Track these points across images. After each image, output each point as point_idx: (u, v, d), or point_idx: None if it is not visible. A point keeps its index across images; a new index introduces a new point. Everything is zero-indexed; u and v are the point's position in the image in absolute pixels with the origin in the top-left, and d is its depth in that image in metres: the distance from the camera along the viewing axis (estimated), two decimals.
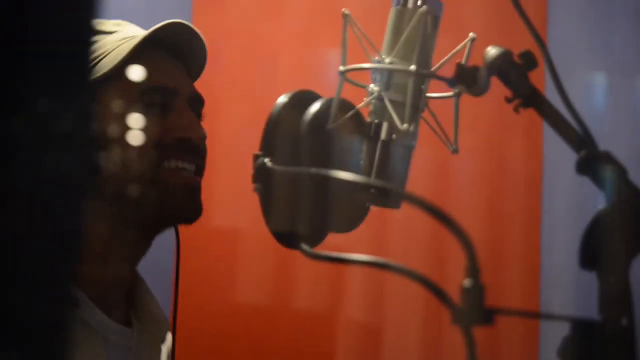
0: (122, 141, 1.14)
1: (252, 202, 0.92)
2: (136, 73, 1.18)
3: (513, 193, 1.90)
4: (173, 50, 1.23)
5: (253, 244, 1.86)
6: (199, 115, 1.24)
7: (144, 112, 1.17)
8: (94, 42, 1.12)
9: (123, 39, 1.19)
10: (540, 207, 1.87)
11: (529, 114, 0.91)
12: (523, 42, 0.91)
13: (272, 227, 0.90)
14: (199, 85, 1.37)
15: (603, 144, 0.84)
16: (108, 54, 1.15)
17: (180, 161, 1.18)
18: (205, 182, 1.24)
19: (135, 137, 1.15)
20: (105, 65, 1.14)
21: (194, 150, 1.20)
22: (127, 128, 1.15)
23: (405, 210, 0.90)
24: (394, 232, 1.85)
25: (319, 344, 1.86)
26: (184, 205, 1.19)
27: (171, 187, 1.16)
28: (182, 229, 1.79)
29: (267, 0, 1.97)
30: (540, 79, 0.92)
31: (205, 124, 1.26)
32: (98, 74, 1.13)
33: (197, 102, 1.25)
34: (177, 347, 1.29)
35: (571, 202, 1.79)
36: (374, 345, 1.87)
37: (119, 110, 1.15)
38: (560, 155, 1.80)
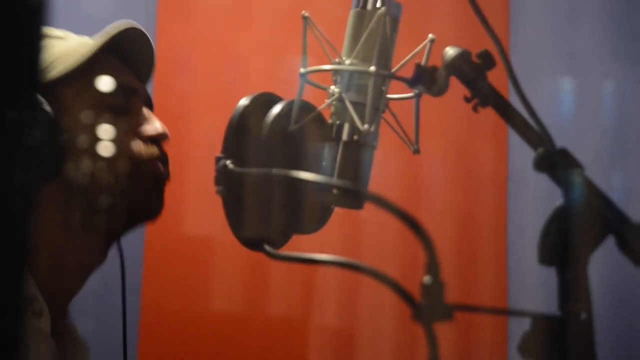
0: (86, 144, 1.13)
1: (221, 208, 0.92)
2: (98, 73, 1.18)
3: (480, 195, 1.91)
4: (122, 54, 1.23)
5: (221, 249, 1.86)
6: None
7: (105, 113, 1.16)
8: (46, 46, 1.11)
9: (78, 44, 1.18)
10: (506, 208, 1.89)
11: (495, 117, 0.92)
12: (485, 44, 0.92)
13: (235, 229, 0.90)
14: (167, 91, 1.37)
15: (569, 146, 0.85)
16: (62, 57, 1.15)
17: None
18: (175, 188, 1.24)
19: (99, 139, 1.15)
20: (61, 68, 1.14)
21: (158, 149, 1.20)
22: (89, 130, 1.15)
23: (379, 212, 0.91)
24: (368, 234, 1.85)
25: (289, 349, 1.86)
26: (148, 197, 1.18)
27: (137, 179, 1.16)
28: (150, 234, 1.78)
29: (233, 8, 1.97)
30: (504, 81, 0.93)
31: (174, 131, 1.26)
32: (54, 77, 1.13)
33: (150, 103, 1.25)
34: (145, 353, 1.28)
35: (536, 203, 1.80)
36: (344, 348, 1.88)
37: (80, 113, 1.15)
38: (525, 157, 1.82)
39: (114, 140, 1.15)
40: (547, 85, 1.94)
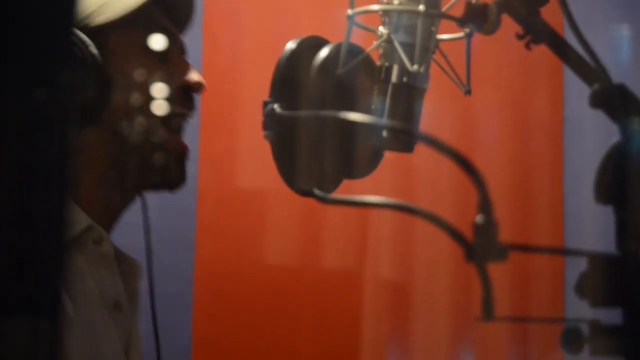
0: (128, 88, 1.14)
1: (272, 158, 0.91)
2: (142, 20, 1.17)
3: (535, 139, 1.89)
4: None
5: (275, 201, 1.86)
6: None
7: (148, 58, 1.17)
8: None
9: None
10: (562, 152, 1.86)
11: (550, 62, 0.90)
12: None
13: (284, 174, 0.89)
14: (216, 42, 1.35)
15: None
16: (110, 2, 1.14)
17: (180, 107, 1.18)
18: (226, 140, 1.23)
19: (141, 85, 1.15)
20: (110, 14, 1.13)
21: (193, 98, 1.20)
22: (133, 76, 1.15)
23: (431, 158, 0.89)
24: (420, 180, 1.84)
25: (343, 299, 1.86)
26: (174, 172, 1.19)
27: (166, 152, 1.17)
28: (202, 187, 1.78)
29: None
30: (560, 22, 0.90)
31: (223, 82, 1.25)
32: (102, 22, 1.12)
33: (186, 53, 1.24)
34: (198, 308, 1.28)
35: (593, 147, 1.77)
36: (400, 298, 1.87)
37: (125, 59, 1.15)
38: (581, 102, 1.78)
39: (147, 90, 1.16)
40: (605, 33, 1.89)
